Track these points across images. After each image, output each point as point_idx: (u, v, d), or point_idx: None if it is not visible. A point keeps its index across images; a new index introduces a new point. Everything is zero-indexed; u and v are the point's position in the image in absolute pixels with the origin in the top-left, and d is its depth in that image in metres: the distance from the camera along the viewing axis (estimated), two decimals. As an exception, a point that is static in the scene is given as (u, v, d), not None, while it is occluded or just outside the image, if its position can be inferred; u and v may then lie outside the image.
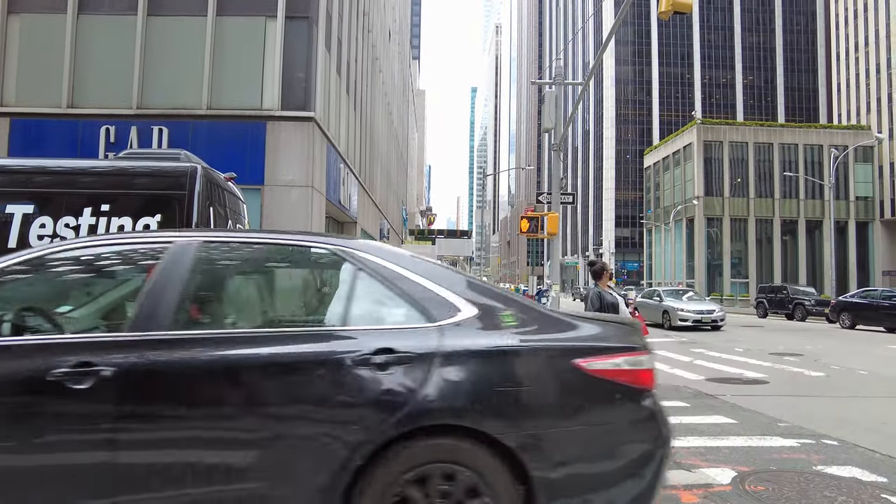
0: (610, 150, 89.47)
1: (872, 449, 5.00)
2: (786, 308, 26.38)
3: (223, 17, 13.15)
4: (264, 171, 12.80)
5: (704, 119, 57.45)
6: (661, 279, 56.44)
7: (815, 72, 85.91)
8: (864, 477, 4.21)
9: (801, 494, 3.81)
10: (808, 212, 50.99)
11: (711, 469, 4.32)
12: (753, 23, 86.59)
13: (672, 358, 11.55)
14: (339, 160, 16.26)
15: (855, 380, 9.05)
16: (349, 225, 19.84)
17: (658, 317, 20.08)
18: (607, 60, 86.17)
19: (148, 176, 6.88)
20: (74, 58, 12.93)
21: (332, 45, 15.51)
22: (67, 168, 7.08)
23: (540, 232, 14.21)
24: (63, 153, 12.07)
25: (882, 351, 13.28)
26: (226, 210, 7.42)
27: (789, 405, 6.92)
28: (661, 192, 58.32)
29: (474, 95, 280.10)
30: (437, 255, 42.09)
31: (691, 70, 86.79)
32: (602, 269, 6.66)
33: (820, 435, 5.45)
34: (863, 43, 62.80)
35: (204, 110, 12.87)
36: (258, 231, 3.22)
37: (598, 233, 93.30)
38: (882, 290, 21.04)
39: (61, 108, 12.79)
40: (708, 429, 5.66)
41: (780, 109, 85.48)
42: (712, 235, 50.53)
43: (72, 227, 6.52)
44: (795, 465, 4.50)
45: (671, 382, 8.57)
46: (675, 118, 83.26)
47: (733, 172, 50.62)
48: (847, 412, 6.57)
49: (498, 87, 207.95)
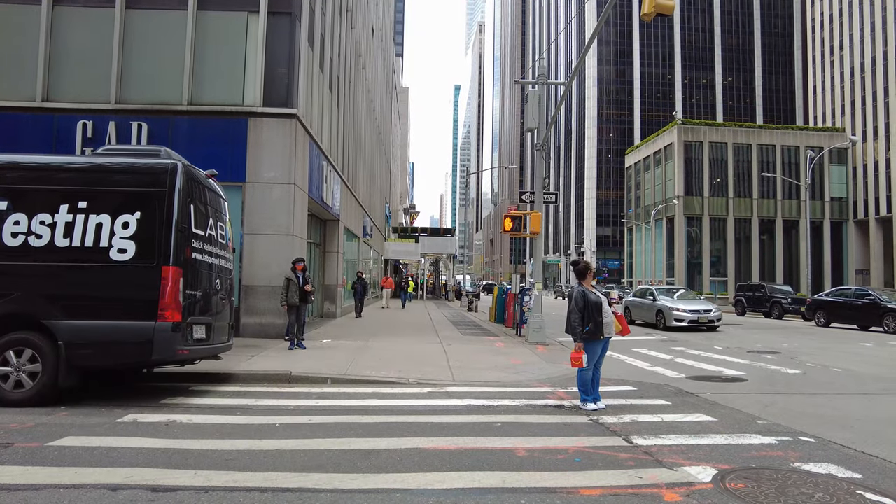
0: (592, 149, 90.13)
1: (847, 445, 5.11)
2: (763, 306, 26.87)
3: (204, 12, 12.94)
4: (246, 168, 12.64)
5: (685, 119, 58.24)
6: (641, 277, 57.11)
7: (792, 74, 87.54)
8: (839, 473, 4.31)
9: (779, 491, 3.88)
10: (784, 212, 52.01)
11: (693, 467, 4.38)
12: (733, 25, 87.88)
13: (652, 356, 11.70)
14: (321, 157, 16.13)
15: (830, 377, 9.25)
16: (332, 223, 19.71)
17: (651, 317, 19.27)
18: (590, 60, 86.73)
19: (127, 172, 6.75)
20: (49, 50, 12.60)
21: (315, 42, 15.36)
22: (43, 164, 6.92)
23: (523, 231, 14.26)
24: (38, 149, 11.76)
25: (855, 348, 13.60)
26: (207, 207, 7.32)
27: (767, 402, 7.05)
28: (641, 191, 58.96)
29: (457, 94, 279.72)
30: (420, 252, 42.05)
31: (672, 71, 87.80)
32: (586, 269, 6.72)
33: (797, 432, 5.56)
34: (838, 46, 64.11)
35: (184, 106, 12.66)
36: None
37: (579, 231, 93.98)
38: (855, 288, 21.54)
39: (36, 101, 12.46)
40: (689, 427, 5.74)
41: (759, 110, 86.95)
42: (692, 234, 51.26)
43: (47, 225, 6.39)
44: (774, 462, 4.58)
45: (652, 380, 8.67)
46: (657, 118, 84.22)
47: (713, 172, 51.39)
48: (822, 409, 6.71)
49: (481, 85, 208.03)
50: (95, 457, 4.38)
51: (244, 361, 9.09)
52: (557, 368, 9.49)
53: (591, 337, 6.39)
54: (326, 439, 5.03)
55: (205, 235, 7.12)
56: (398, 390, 7.62)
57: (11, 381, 6.16)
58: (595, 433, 5.44)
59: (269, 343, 11.61)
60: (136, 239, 6.40)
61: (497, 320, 19.59)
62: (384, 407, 6.53)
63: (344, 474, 4.09)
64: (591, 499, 3.70)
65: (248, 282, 12.53)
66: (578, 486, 3.93)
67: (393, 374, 8.51)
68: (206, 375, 7.97)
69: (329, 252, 19.75)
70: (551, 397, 7.23)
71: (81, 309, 6.29)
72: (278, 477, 3.99)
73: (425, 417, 5.95)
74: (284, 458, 4.45)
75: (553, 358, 10.81)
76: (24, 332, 6.22)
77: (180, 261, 6.48)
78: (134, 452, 4.51)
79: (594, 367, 6.53)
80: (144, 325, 6.25)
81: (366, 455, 4.57)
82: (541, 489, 3.85)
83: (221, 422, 5.65)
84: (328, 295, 19.63)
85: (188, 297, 6.63)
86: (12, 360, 6.17)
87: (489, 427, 5.58)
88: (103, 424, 5.42)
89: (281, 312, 11.91)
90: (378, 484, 3.90)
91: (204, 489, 3.71)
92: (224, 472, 4.06)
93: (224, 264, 7.77)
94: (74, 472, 4.00)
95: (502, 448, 4.83)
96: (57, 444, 4.67)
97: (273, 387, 7.73)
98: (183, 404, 6.49)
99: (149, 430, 5.26)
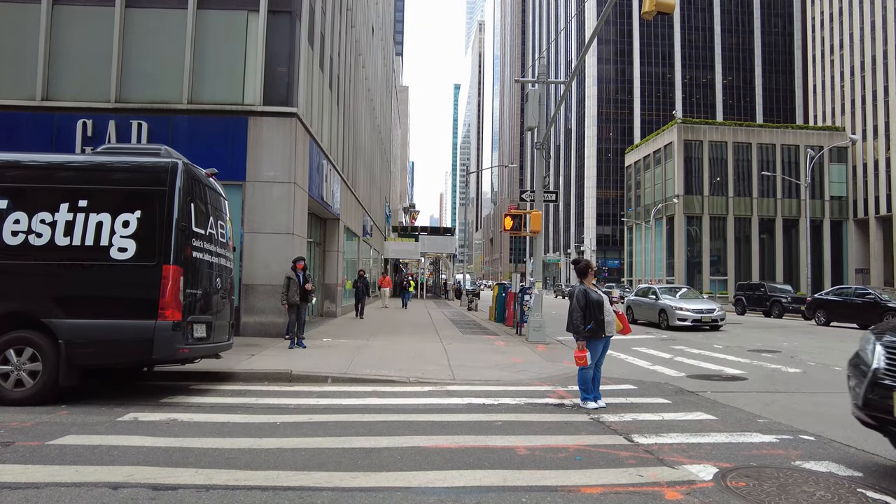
0: (592, 148, 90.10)
1: (847, 444, 5.11)
2: (763, 305, 26.87)
3: (204, 11, 12.92)
4: (246, 167, 12.63)
5: (685, 118, 58.23)
6: (641, 277, 57.11)
7: (792, 73, 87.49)
8: (840, 472, 4.31)
9: (781, 490, 3.88)
10: (784, 211, 52.01)
11: (694, 465, 4.38)
12: (733, 24, 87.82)
13: (653, 355, 11.70)
14: (321, 156, 16.12)
15: (830, 376, 9.25)
16: (332, 222, 19.71)
17: (654, 316, 19.18)
18: (589, 59, 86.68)
19: (127, 171, 6.74)
20: (49, 49, 12.59)
21: (314, 40, 15.35)
22: (43, 162, 6.91)
23: (523, 230, 14.26)
24: (38, 147, 11.76)
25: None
26: (207, 206, 7.32)
27: (768, 401, 7.05)
28: (641, 190, 58.97)
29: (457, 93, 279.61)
30: (420, 252, 42.02)
31: (672, 70, 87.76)
32: (587, 268, 6.72)
33: (797, 430, 5.56)
34: (838, 45, 64.09)
35: (185, 105, 12.65)
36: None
37: (579, 231, 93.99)
38: (855, 287, 21.53)
39: (36, 100, 12.45)
40: (690, 425, 5.74)
41: (759, 110, 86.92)
42: (692, 233, 51.26)
43: (48, 223, 6.38)
44: (775, 460, 4.58)
45: (653, 379, 8.67)
46: (656, 117, 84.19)
47: (713, 171, 51.39)
48: (823, 408, 6.72)
49: (481, 84, 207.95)
50: (96, 455, 4.38)
51: (245, 360, 9.09)
52: (558, 367, 9.49)
53: (592, 335, 6.39)
54: (327, 438, 5.03)
55: (205, 234, 7.11)
56: (399, 389, 7.62)
57: (12, 380, 6.16)
58: (596, 431, 5.44)
59: (270, 342, 11.61)
60: (137, 238, 6.39)
61: (497, 319, 19.59)
62: (385, 406, 6.53)
63: (345, 473, 4.09)
64: (593, 497, 3.70)
65: (248, 281, 12.52)
66: (579, 484, 3.92)
67: (393, 372, 8.50)
68: (207, 374, 7.97)
69: (329, 251, 19.75)
70: (552, 396, 7.23)
71: (82, 308, 6.29)
72: (279, 475, 3.99)
73: (426, 416, 5.95)
74: (285, 457, 4.44)
75: (553, 357, 10.81)
76: (24, 331, 6.21)
77: (181, 259, 6.48)
78: (135, 451, 4.51)
79: (595, 366, 6.54)
80: (145, 324, 6.25)
81: (367, 453, 4.57)
82: (542, 487, 3.85)
83: (222, 420, 5.64)
84: (328, 294, 19.62)
85: (188, 295, 6.62)
86: (13, 358, 6.17)
87: (490, 425, 5.58)
88: (104, 423, 5.42)
89: (281, 311, 11.91)
90: (379, 482, 3.90)
91: (205, 487, 3.71)
92: (225, 471, 4.06)
93: (224, 263, 7.77)
94: (75, 470, 4.00)
95: (503, 446, 4.83)
96: (58, 443, 4.67)
97: (274, 385, 7.73)
98: (183, 403, 6.48)
99: (149, 428, 5.25)
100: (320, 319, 18.27)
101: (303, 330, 11.46)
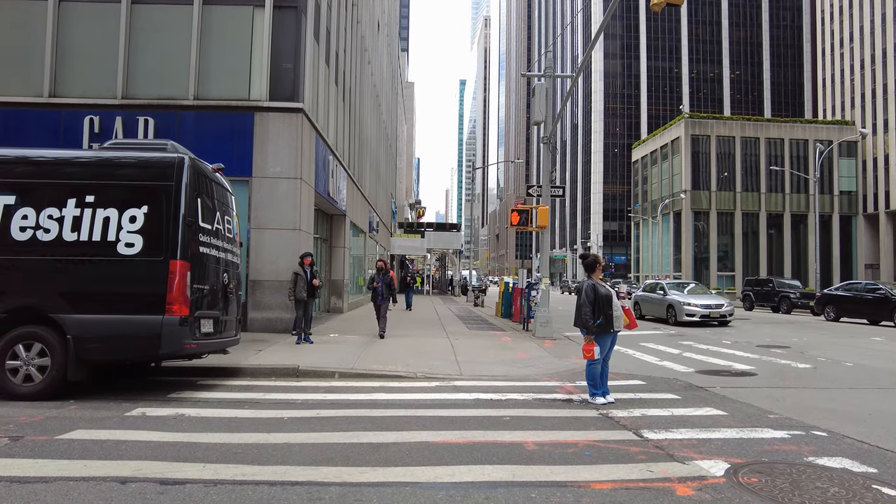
0: (598, 143, 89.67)
1: (861, 440, 5.05)
2: (772, 301, 26.68)
3: (210, 6, 12.89)
4: (252, 162, 12.63)
5: (692, 113, 57.72)
6: (648, 272, 56.84)
7: (800, 67, 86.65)
8: (854, 468, 4.25)
9: (794, 486, 3.82)
10: (793, 206, 51.56)
11: (705, 461, 4.33)
12: (740, 17, 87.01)
13: (661, 350, 11.63)
14: (327, 152, 16.09)
15: (841, 371, 9.16)
16: (338, 217, 19.70)
17: (662, 311, 19.05)
18: (596, 54, 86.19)
19: (134, 167, 6.74)
20: (56, 46, 12.61)
21: (320, 36, 15.30)
22: (51, 158, 6.93)
23: (530, 225, 14.19)
24: (45, 144, 11.77)
25: (866, 343, 13.47)
26: (213, 201, 7.30)
27: (778, 397, 6.98)
28: (648, 185, 58.62)
29: (463, 88, 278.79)
30: (426, 247, 42.00)
31: (679, 64, 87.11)
32: (595, 262, 6.67)
33: (809, 426, 5.50)
34: (847, 39, 63.38)
35: (191, 101, 12.64)
36: None
37: (585, 226, 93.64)
38: (865, 282, 21.33)
39: (43, 97, 12.48)
40: (699, 421, 5.69)
41: (767, 104, 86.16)
42: (699, 229, 50.93)
43: (55, 219, 6.39)
44: (787, 456, 4.53)
45: (661, 375, 8.62)
46: (663, 112, 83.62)
47: (720, 166, 50.99)
48: (835, 403, 6.64)
49: (487, 80, 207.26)
50: (104, 450, 4.38)
51: (252, 356, 9.10)
52: (565, 363, 9.45)
53: (601, 330, 6.35)
54: (335, 433, 5.02)
55: (212, 229, 7.10)
56: (406, 384, 7.60)
57: (21, 375, 6.19)
58: (605, 427, 5.40)
59: (277, 337, 11.62)
60: (144, 233, 6.39)
61: (504, 315, 19.55)
62: (392, 401, 6.51)
63: (353, 467, 4.07)
64: (603, 492, 3.66)
65: (254, 276, 12.53)
66: (589, 479, 3.89)
67: (400, 368, 8.48)
68: (214, 370, 7.98)
69: (335, 247, 19.75)
70: (560, 391, 7.19)
71: (90, 303, 6.30)
72: (287, 470, 3.98)
73: (433, 411, 5.93)
74: (293, 452, 4.43)
75: (561, 352, 10.76)
76: (32, 326, 6.23)
77: (188, 255, 6.47)
78: (142, 446, 4.51)
79: (603, 361, 6.49)
80: (152, 319, 6.25)
81: (374, 448, 4.55)
82: (551, 483, 3.82)
83: (230, 415, 5.64)
84: (335, 290, 19.63)
85: (196, 291, 6.62)
86: (22, 354, 6.19)
87: (497, 421, 5.55)
88: (112, 418, 5.43)
89: (288, 307, 11.91)
90: (387, 477, 3.88)
91: (213, 482, 3.70)
92: (233, 466, 4.05)
93: (231, 258, 7.76)
94: (83, 464, 4.00)
95: (511, 442, 4.79)
96: (66, 438, 4.68)
97: (281, 381, 7.73)
98: (191, 398, 6.49)
99: (157, 423, 5.26)
100: (326, 315, 18.28)
101: (310, 325, 11.46)
